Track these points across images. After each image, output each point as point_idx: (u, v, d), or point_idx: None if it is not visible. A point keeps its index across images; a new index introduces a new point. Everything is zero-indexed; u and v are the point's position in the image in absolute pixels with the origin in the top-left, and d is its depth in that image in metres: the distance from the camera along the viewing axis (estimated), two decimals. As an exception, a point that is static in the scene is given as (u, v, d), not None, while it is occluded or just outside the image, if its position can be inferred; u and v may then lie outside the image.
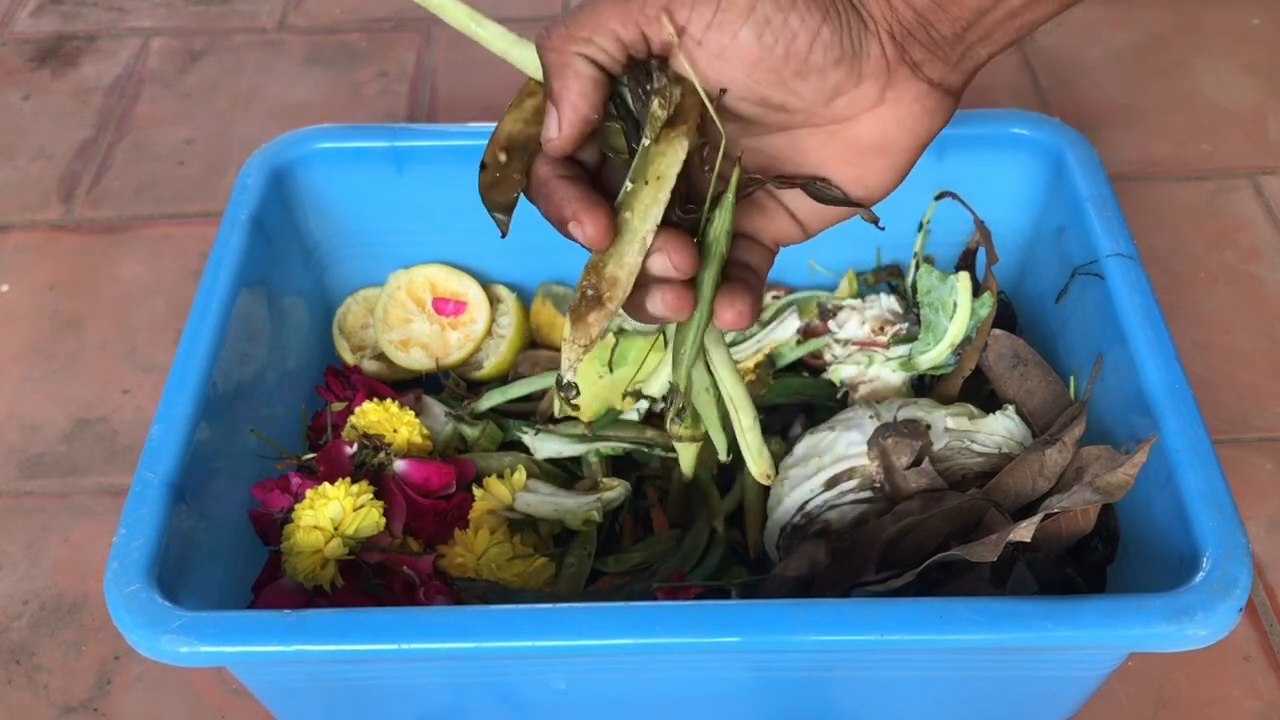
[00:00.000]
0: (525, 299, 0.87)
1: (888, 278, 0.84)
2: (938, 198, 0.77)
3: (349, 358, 0.85)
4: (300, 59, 1.19)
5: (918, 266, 0.79)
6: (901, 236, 0.81)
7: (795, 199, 0.49)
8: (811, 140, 0.46)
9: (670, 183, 0.44)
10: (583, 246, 0.47)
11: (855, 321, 0.80)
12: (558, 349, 0.85)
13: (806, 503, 0.69)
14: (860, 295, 0.83)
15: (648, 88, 0.43)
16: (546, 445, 0.76)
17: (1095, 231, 0.73)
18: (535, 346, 0.86)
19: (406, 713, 0.66)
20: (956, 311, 0.73)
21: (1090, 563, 0.67)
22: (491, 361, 0.84)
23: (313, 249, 0.84)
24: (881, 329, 0.79)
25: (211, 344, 0.69)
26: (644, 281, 0.46)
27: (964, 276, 0.74)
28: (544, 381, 0.80)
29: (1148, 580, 0.62)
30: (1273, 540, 0.80)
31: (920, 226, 0.80)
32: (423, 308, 0.85)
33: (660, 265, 0.45)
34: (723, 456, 0.60)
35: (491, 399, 0.79)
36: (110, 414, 0.89)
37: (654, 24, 0.42)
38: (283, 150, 0.80)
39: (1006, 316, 0.82)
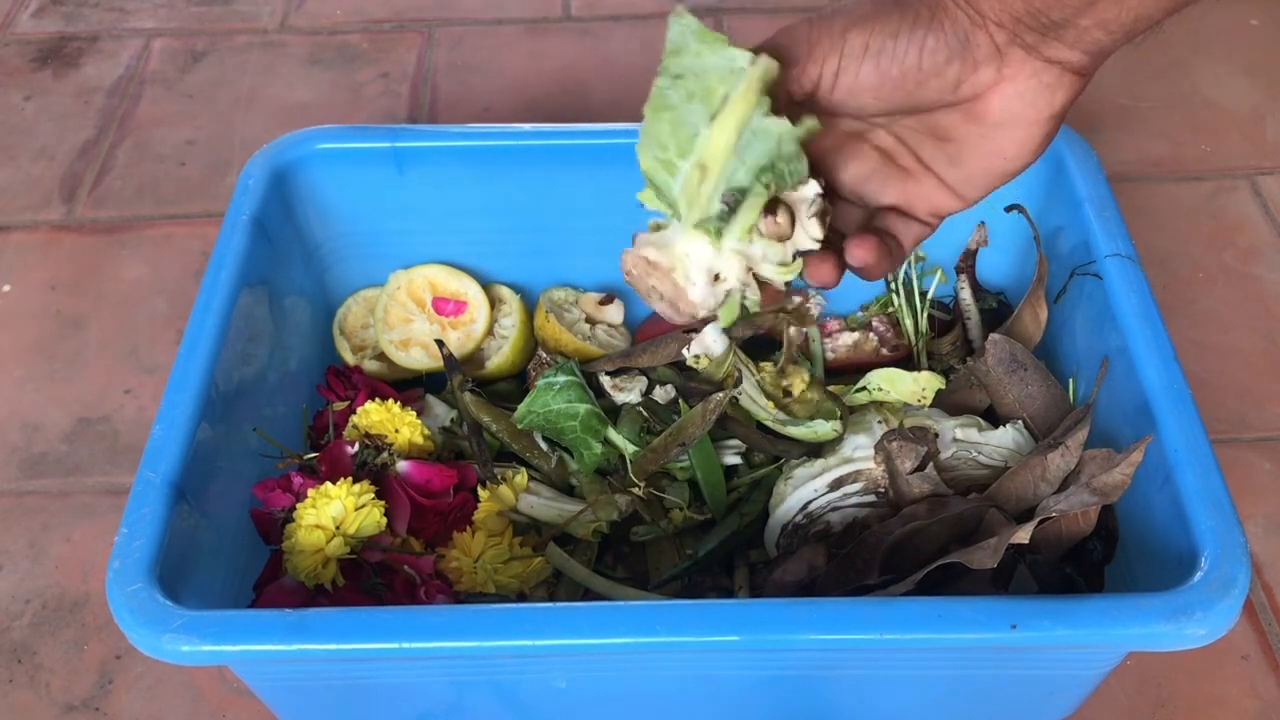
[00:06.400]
0: (527, 300, 0.87)
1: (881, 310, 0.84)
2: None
3: (350, 358, 0.85)
4: (301, 60, 1.19)
5: (914, 264, 0.79)
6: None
7: (943, 165, 0.53)
8: (948, 119, 0.52)
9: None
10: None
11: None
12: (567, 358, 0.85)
13: (810, 502, 0.69)
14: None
15: None
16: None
17: (1094, 232, 0.73)
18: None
19: (407, 711, 0.66)
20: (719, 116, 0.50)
21: (1089, 563, 0.67)
22: (494, 361, 0.84)
23: (314, 249, 0.84)
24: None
25: (213, 344, 0.69)
26: None
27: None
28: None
29: (1146, 580, 0.62)
30: (1271, 540, 0.80)
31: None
32: (423, 308, 0.85)
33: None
34: None
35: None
36: (112, 414, 0.89)
37: (796, 82, 0.50)
38: (284, 151, 0.80)
39: (1005, 317, 0.82)
